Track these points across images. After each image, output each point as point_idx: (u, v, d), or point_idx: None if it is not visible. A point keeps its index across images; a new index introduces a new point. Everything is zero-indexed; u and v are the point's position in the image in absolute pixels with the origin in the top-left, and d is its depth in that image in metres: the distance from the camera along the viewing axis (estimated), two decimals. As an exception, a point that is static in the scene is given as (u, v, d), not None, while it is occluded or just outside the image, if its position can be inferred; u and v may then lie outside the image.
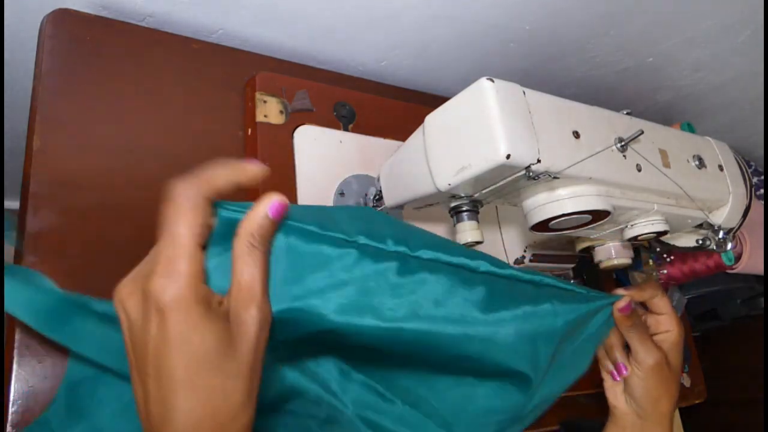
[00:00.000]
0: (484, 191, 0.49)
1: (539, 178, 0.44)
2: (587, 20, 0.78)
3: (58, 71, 0.56)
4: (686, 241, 0.64)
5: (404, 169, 0.53)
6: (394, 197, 0.56)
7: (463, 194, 0.50)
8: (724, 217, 0.59)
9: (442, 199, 0.52)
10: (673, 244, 0.64)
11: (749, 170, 0.62)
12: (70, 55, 0.57)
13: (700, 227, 0.62)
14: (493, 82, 0.43)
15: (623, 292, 0.49)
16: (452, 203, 0.52)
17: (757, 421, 1.34)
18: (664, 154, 0.53)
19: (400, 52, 0.81)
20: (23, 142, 0.53)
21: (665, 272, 0.95)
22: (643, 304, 0.53)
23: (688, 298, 1.06)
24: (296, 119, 0.65)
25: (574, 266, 0.76)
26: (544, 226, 0.51)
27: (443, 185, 0.47)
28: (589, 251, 0.63)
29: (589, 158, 0.46)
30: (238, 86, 0.66)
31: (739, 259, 0.88)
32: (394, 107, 0.74)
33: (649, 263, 0.94)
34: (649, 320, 0.52)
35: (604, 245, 0.61)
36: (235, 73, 0.67)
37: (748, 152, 1.26)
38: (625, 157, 0.49)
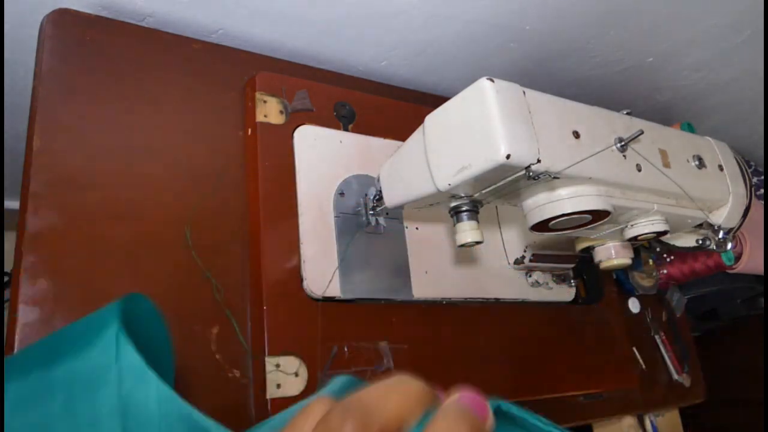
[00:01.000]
0: (484, 191, 0.49)
1: (539, 178, 0.44)
2: (587, 20, 0.78)
3: (58, 71, 0.56)
4: (686, 241, 0.64)
5: (404, 169, 0.53)
6: (394, 197, 0.56)
7: (463, 194, 0.50)
8: (724, 217, 0.59)
9: (442, 199, 0.52)
10: (673, 244, 0.64)
11: (749, 170, 0.62)
12: (70, 55, 0.57)
13: (700, 227, 0.62)
14: (493, 82, 0.43)
15: None
16: (452, 203, 0.52)
17: (757, 421, 1.34)
18: (664, 154, 0.53)
19: (400, 52, 0.81)
20: (23, 142, 0.53)
21: (665, 272, 0.95)
22: None
23: (688, 298, 1.06)
24: (296, 119, 0.65)
25: (574, 266, 0.76)
26: (544, 226, 0.51)
27: (443, 185, 0.47)
28: (589, 251, 0.63)
29: (589, 158, 0.46)
30: (238, 86, 0.66)
31: (739, 259, 0.88)
32: (394, 107, 0.74)
33: (649, 263, 0.94)
34: None
35: (604, 245, 0.61)
36: (235, 73, 0.67)
37: (748, 152, 1.26)
38: (625, 157, 0.49)
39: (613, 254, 0.60)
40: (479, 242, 0.51)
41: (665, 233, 0.55)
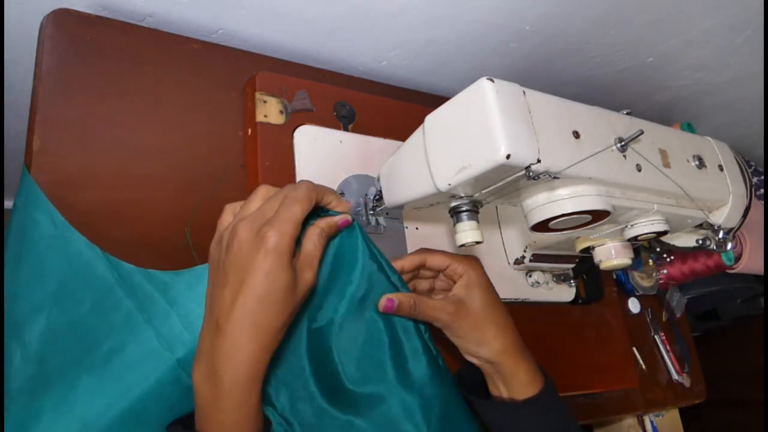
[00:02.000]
0: (484, 191, 0.49)
1: (539, 178, 0.44)
2: (587, 20, 0.78)
3: (58, 71, 0.56)
4: (686, 241, 0.64)
5: (404, 169, 0.53)
6: (394, 197, 0.56)
7: (463, 194, 0.50)
8: (724, 217, 0.59)
9: (442, 199, 0.52)
10: (673, 244, 0.64)
11: (749, 170, 0.62)
12: (70, 55, 0.57)
13: (700, 227, 0.62)
14: (493, 82, 0.43)
15: (387, 295, 0.49)
16: (452, 203, 0.52)
17: (757, 421, 1.34)
18: (664, 154, 0.53)
19: (400, 52, 0.81)
20: (23, 142, 0.53)
21: (665, 272, 0.95)
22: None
23: (688, 298, 1.06)
24: (296, 119, 0.65)
25: (574, 266, 0.76)
26: (544, 226, 0.51)
27: (443, 185, 0.47)
28: (589, 251, 0.63)
29: (589, 158, 0.46)
30: (238, 86, 0.66)
31: (739, 259, 0.88)
32: (394, 107, 0.74)
33: (649, 263, 0.94)
34: (446, 273, 0.52)
35: (604, 245, 0.61)
36: (235, 73, 0.67)
37: (748, 152, 1.26)
38: (625, 157, 0.49)
39: (613, 254, 0.60)
40: (479, 242, 0.51)
41: (665, 233, 0.55)
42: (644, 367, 0.87)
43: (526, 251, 0.71)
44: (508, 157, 0.41)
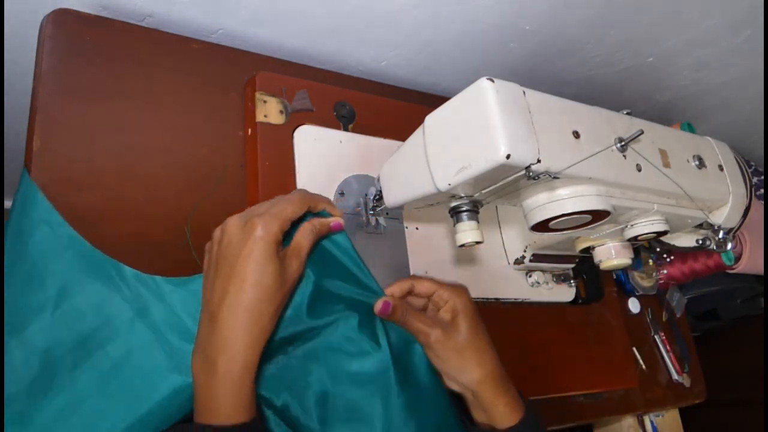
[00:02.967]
0: (484, 191, 0.49)
1: (539, 178, 0.44)
2: (587, 20, 0.78)
3: (58, 71, 0.56)
4: (686, 241, 0.64)
5: (404, 169, 0.53)
6: (394, 197, 0.56)
7: (463, 194, 0.50)
8: (724, 217, 0.59)
9: (442, 199, 0.52)
10: (673, 244, 0.64)
11: (749, 170, 0.62)
12: (70, 55, 0.57)
13: (700, 227, 0.62)
14: (493, 82, 0.43)
15: (384, 297, 0.49)
16: (452, 203, 0.52)
17: (757, 421, 1.34)
18: (664, 154, 0.53)
19: (400, 52, 0.81)
20: (23, 142, 0.53)
21: (665, 272, 0.95)
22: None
23: (688, 298, 1.06)
24: (296, 119, 0.65)
25: (574, 266, 0.76)
26: (544, 226, 0.51)
27: (443, 185, 0.47)
28: (589, 251, 0.63)
29: (589, 158, 0.46)
30: (238, 86, 0.66)
31: (739, 259, 0.88)
32: (394, 107, 0.74)
33: (649, 263, 0.94)
34: (433, 299, 0.52)
35: (604, 245, 0.61)
36: (235, 73, 0.66)
37: (748, 152, 1.26)
38: (625, 157, 0.49)
39: (613, 254, 0.60)
40: (479, 242, 0.51)
41: (665, 233, 0.55)
42: (644, 367, 0.87)
43: (526, 251, 0.71)
44: (508, 157, 0.41)
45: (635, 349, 0.87)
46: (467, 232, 0.51)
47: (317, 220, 0.48)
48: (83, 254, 0.48)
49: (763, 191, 1.16)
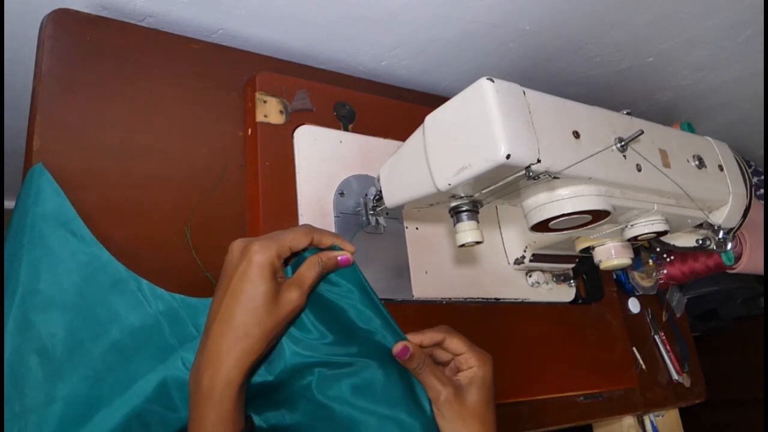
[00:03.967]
0: (484, 191, 0.49)
1: (539, 178, 0.44)
2: (587, 20, 0.78)
3: (58, 71, 0.56)
4: (686, 241, 0.64)
5: (404, 169, 0.53)
6: (394, 197, 0.56)
7: (463, 194, 0.50)
8: (724, 217, 0.59)
9: (442, 199, 0.52)
10: (673, 244, 0.64)
11: (749, 170, 0.62)
12: (70, 55, 0.57)
13: (700, 227, 0.62)
14: (493, 82, 0.43)
15: (406, 340, 0.48)
16: (452, 203, 0.52)
17: (757, 421, 1.34)
18: (664, 154, 0.53)
19: (400, 52, 0.81)
20: (23, 142, 0.53)
21: (665, 272, 0.95)
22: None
23: (688, 298, 1.06)
24: (296, 119, 0.65)
25: (574, 266, 0.76)
26: (544, 226, 0.51)
27: (443, 185, 0.47)
28: (589, 251, 0.63)
29: (589, 158, 0.46)
30: (238, 86, 0.66)
31: (739, 259, 0.88)
32: (394, 107, 0.74)
33: (649, 263, 0.94)
34: (458, 358, 0.51)
35: (604, 245, 0.61)
36: (235, 73, 0.66)
37: (748, 152, 1.26)
38: (625, 157, 0.49)
39: (613, 254, 0.60)
40: (479, 242, 0.51)
41: (665, 233, 0.55)
42: (644, 367, 0.87)
43: (526, 251, 0.71)
44: (508, 157, 0.41)
45: (635, 349, 0.87)
46: (467, 232, 0.51)
47: (324, 253, 0.48)
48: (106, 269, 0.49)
49: (763, 191, 1.16)
